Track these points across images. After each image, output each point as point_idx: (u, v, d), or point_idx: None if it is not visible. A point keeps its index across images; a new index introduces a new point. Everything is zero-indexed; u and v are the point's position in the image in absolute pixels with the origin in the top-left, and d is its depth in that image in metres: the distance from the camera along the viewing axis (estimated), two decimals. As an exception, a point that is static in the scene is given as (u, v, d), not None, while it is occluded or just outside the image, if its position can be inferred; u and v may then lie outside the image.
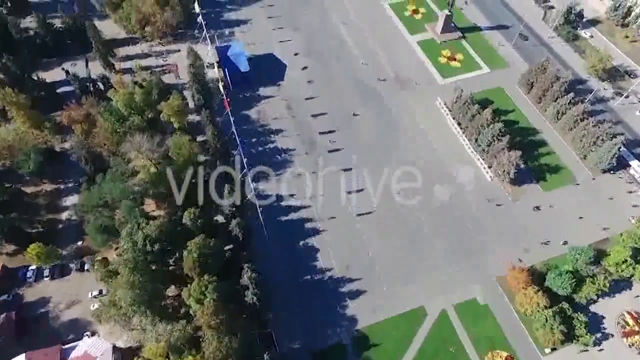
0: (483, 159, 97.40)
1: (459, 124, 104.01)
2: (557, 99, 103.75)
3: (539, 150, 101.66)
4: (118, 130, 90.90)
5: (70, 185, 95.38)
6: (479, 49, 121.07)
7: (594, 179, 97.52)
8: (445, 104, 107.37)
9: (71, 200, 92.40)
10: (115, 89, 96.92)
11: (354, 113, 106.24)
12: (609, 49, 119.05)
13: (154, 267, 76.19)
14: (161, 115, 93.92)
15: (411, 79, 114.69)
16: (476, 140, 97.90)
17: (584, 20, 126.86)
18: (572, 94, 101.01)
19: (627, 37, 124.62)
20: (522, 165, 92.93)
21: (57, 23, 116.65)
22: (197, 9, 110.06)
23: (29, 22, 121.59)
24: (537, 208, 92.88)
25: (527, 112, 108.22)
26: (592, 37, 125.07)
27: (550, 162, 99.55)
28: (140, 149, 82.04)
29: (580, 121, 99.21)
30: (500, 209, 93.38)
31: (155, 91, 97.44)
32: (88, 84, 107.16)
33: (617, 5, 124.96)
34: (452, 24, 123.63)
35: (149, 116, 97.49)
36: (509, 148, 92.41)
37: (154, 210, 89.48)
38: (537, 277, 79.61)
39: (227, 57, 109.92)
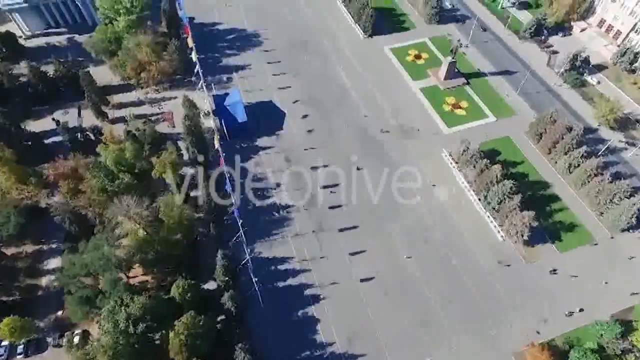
0: (494, 217, 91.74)
1: (465, 177, 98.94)
2: (568, 151, 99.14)
3: (551, 206, 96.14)
4: (107, 188, 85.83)
5: (53, 245, 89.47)
6: (484, 96, 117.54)
7: (612, 237, 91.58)
8: (451, 155, 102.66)
9: (53, 262, 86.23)
10: (105, 143, 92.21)
11: (358, 167, 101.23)
12: (618, 97, 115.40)
13: (136, 346, 69.26)
14: (153, 173, 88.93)
15: (415, 128, 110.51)
16: (485, 197, 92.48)
17: (590, 66, 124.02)
18: (584, 148, 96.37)
19: (635, 83, 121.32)
20: (536, 224, 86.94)
21: (51, 69, 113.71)
22: (194, 57, 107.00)
23: (23, 67, 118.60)
24: (554, 271, 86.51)
25: (537, 164, 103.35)
26: (599, 83, 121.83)
27: (564, 220, 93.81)
28: (128, 213, 76.56)
29: (595, 176, 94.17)
30: (513, 273, 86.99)
31: (147, 147, 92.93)
32: (78, 134, 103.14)
33: (624, 51, 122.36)
34: (456, 70, 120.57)
35: (140, 169, 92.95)
36: (522, 207, 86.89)
37: (137, 276, 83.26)
38: (559, 357, 72.41)
39: (224, 106, 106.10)
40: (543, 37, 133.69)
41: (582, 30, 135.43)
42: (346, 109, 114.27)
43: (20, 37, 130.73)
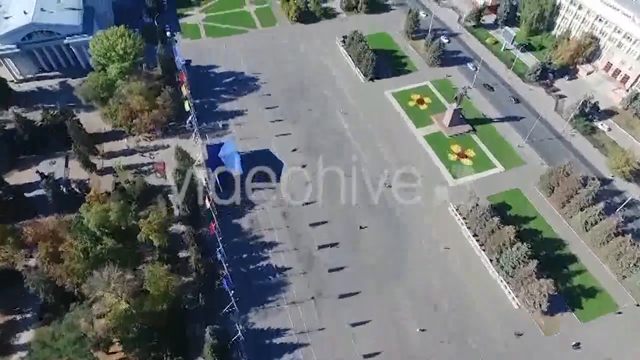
0: (507, 283, 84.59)
1: (475, 235, 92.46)
2: (584, 207, 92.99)
3: (569, 268, 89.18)
4: (88, 251, 79.25)
5: (28, 315, 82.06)
6: (490, 144, 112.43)
7: (638, 305, 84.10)
8: (458, 210, 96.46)
9: (26, 336, 78.56)
10: (88, 202, 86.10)
11: (360, 226, 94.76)
12: (631, 145, 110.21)
13: None
14: (139, 236, 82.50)
15: (419, 180, 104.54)
16: (498, 260, 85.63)
17: (599, 111, 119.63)
18: (602, 205, 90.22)
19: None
20: (555, 293, 79.59)
21: (40, 116, 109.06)
22: (187, 107, 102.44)
23: (10, 114, 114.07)
24: (577, 345, 78.65)
25: (550, 220, 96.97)
26: (610, 130, 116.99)
27: (584, 284, 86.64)
28: (108, 287, 69.72)
29: (615, 236, 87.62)
30: (532, 346, 79.10)
31: (135, 202, 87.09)
32: (63, 188, 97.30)
33: (634, 96, 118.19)
34: (461, 116, 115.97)
35: (127, 227, 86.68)
36: (539, 273, 79.94)
37: (117, 352, 75.44)
38: None
39: (218, 158, 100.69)
40: (549, 81, 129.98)
41: (589, 73, 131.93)
42: (347, 159, 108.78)
43: (11, 81, 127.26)
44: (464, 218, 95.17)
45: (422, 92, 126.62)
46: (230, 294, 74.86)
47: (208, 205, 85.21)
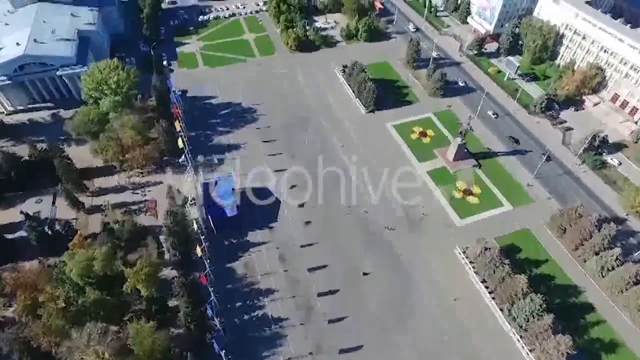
0: (520, 336, 78.62)
1: (483, 281, 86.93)
2: (599, 251, 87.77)
3: (585, 318, 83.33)
4: (70, 302, 73.87)
5: (3, 374, 75.83)
6: (497, 180, 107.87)
7: (661, 361, 78.14)
8: (465, 254, 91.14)
9: (-1, 400, 72.26)
10: (72, 249, 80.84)
11: (364, 272, 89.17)
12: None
13: None
14: (125, 286, 77.00)
15: (424, 219, 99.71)
16: (509, 311, 79.88)
17: (609, 144, 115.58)
18: (618, 250, 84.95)
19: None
20: (574, 352, 73.57)
21: (31, 150, 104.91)
22: (180, 144, 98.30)
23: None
24: (598, 408, 72.35)
25: (563, 264, 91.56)
26: (620, 164, 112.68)
27: (603, 337, 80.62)
28: (88, 349, 63.99)
29: (634, 284, 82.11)
30: (550, 409, 72.75)
31: (120, 253, 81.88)
32: (48, 229, 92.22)
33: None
34: (466, 150, 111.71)
35: (113, 273, 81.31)
36: (555, 329, 74.13)
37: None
38: None
39: (212, 198, 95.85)
40: (554, 112, 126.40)
41: (595, 104, 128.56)
42: (348, 198, 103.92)
43: (1, 112, 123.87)
44: (471, 262, 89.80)
45: (425, 124, 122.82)
46: (222, 355, 68.80)
47: (200, 253, 79.85)
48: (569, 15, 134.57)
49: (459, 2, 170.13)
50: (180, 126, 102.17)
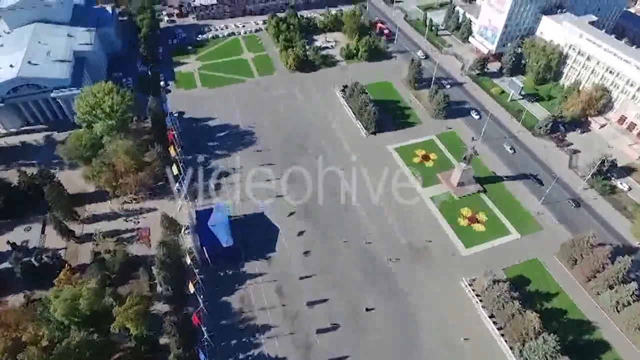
0: (533, 378, 73.93)
1: (491, 316, 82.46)
2: (613, 285, 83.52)
3: (601, 358, 78.59)
4: (53, 343, 69.52)
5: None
6: (503, 206, 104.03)
7: (684, 406, 73.25)
8: (472, 286, 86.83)
9: None
10: (58, 285, 76.83)
11: (367, 308, 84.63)
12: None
13: None
14: (112, 326, 72.69)
15: (427, 247, 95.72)
16: (520, 352, 75.27)
17: (617, 167, 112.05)
18: (634, 285, 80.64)
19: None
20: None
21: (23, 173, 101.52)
22: (175, 171, 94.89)
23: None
24: None
25: (575, 297, 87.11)
26: (630, 189, 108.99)
27: (621, 379, 76.02)
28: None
29: (653, 322, 77.73)
30: None
31: (109, 290, 77.74)
32: (34, 260, 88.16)
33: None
34: (471, 174, 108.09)
35: (101, 309, 77.12)
36: (570, 372, 69.60)
37: None
38: None
39: (207, 227, 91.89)
40: (560, 134, 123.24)
41: (602, 126, 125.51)
42: (348, 224, 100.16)
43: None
44: (478, 295, 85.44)
45: (428, 147, 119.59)
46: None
47: (192, 290, 75.71)
48: (573, 35, 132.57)
49: (459, 21, 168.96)
50: (176, 151, 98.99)
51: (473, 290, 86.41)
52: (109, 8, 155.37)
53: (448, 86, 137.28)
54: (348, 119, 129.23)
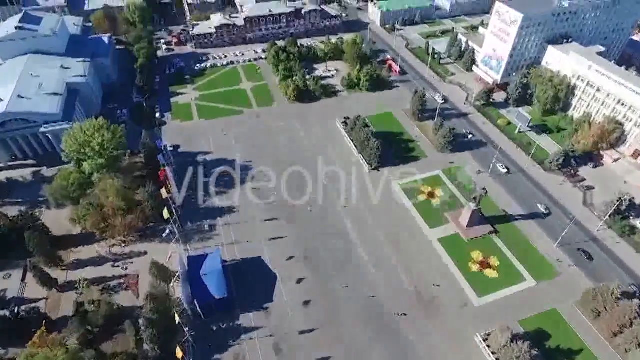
0: None
1: (512, 377, 74.91)
2: (642, 343, 76.30)
3: None
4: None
5: None
6: (516, 249, 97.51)
7: None
8: (487, 342, 79.53)
9: None
10: (31, 348, 69.75)
11: (372, 367, 77.47)
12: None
13: None
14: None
15: (437, 297, 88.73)
16: (546, 423, 67.70)
17: (636, 205, 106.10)
18: (667, 345, 73.59)
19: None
20: None
21: (10, 212, 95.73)
22: (165, 215, 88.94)
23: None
24: None
25: (600, 355, 79.55)
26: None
27: None
28: None
29: (689, 388, 70.23)
30: None
31: (89, 352, 70.58)
32: (9, 313, 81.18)
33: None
34: (481, 214, 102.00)
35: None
36: None
37: None
38: None
39: (199, 276, 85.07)
40: (572, 169, 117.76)
41: (615, 160, 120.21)
42: (351, 270, 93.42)
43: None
44: (494, 353, 78.06)
45: (433, 183, 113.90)
46: None
47: (180, 355, 68.53)
48: (581, 67, 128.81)
49: (462, 49, 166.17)
50: (168, 192, 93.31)
51: (488, 346, 79.04)
52: (105, 38, 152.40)
53: (470, 135, 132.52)
54: (350, 152, 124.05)
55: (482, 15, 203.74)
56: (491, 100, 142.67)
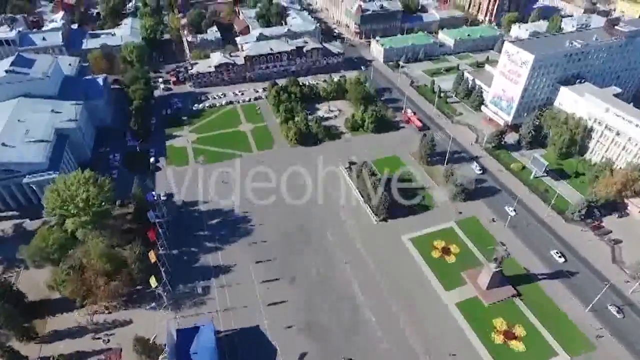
0: None
1: None
2: None
3: None
4: None
5: None
6: (543, 315, 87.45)
7: None
8: None
9: None
10: None
11: None
12: None
13: None
14: None
15: (458, 375, 78.43)
16: None
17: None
18: None
19: None
20: None
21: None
22: (152, 283, 79.86)
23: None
24: None
25: None
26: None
27: None
28: None
29: None
30: None
31: None
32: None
33: None
34: (501, 275, 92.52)
35: None
36: None
37: None
38: None
39: (188, 356, 75.11)
40: (596, 220, 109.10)
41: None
42: (359, 340, 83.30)
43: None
44: None
45: (447, 238, 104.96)
46: None
47: None
48: (598, 109, 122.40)
49: (469, 87, 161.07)
50: (156, 257, 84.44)
51: None
52: (100, 79, 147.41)
53: (478, 171, 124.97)
54: (356, 201, 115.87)
55: (487, 52, 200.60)
56: (502, 142, 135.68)
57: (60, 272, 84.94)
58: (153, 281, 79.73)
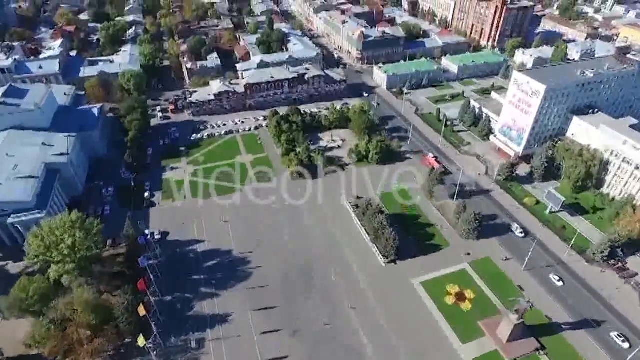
0: None
1: None
2: None
3: None
4: None
5: None
6: (571, 374, 79.73)
7: None
8: None
9: None
10: None
11: None
12: None
13: None
14: None
15: None
16: None
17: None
18: None
19: None
20: None
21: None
22: (141, 342, 72.27)
23: None
24: None
25: None
26: None
27: None
28: None
29: None
30: None
31: None
32: None
33: None
34: (523, 326, 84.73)
35: None
36: None
37: None
38: None
39: None
40: (620, 262, 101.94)
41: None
42: (370, 406, 75.26)
43: None
44: None
45: (461, 281, 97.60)
46: None
47: None
48: (614, 141, 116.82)
49: (475, 115, 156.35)
50: (147, 311, 77.11)
51: None
52: (95, 110, 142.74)
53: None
54: (362, 241, 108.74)
55: (491, 77, 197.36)
56: (514, 175, 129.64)
57: (40, 326, 77.41)
58: (141, 340, 72.13)
